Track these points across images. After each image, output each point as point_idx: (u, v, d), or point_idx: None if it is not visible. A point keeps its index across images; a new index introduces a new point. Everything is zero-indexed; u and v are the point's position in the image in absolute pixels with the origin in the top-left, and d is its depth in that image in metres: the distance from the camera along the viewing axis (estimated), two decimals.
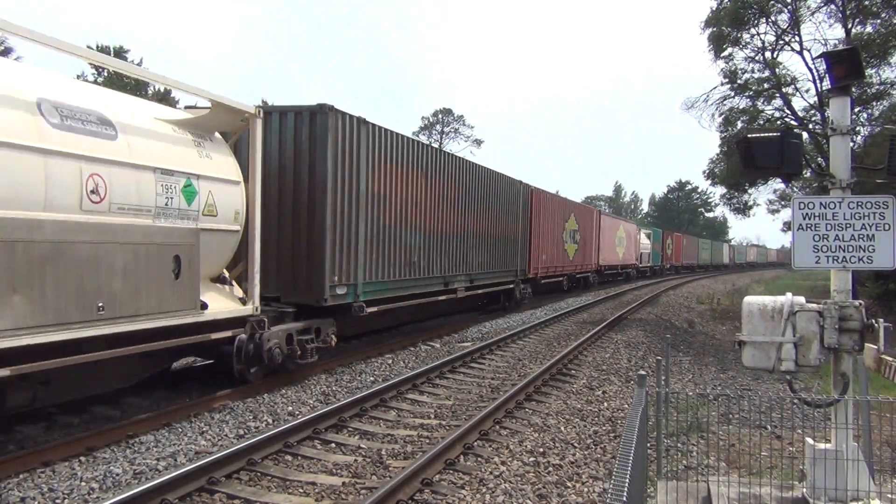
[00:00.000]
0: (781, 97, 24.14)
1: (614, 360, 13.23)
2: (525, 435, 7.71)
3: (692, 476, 6.26)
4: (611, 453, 7.11)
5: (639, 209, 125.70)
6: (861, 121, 21.87)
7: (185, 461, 6.45)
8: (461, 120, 79.66)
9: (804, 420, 8.11)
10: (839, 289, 4.73)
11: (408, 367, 11.76)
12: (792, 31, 22.99)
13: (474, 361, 12.39)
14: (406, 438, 7.47)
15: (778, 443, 7.57)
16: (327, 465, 6.56)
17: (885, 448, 6.69)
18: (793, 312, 4.66)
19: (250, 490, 5.86)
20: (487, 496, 5.81)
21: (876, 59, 20.98)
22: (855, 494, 4.47)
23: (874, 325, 4.53)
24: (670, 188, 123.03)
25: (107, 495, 5.53)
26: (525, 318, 19.85)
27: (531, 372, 11.06)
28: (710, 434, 7.77)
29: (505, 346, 14.37)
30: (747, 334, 4.76)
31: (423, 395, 9.76)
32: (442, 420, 8.33)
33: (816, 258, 4.80)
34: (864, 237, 4.71)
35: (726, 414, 8.68)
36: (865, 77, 17.73)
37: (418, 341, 14.59)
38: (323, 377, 10.54)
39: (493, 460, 6.76)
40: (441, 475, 6.32)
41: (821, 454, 4.58)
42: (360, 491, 5.86)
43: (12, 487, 5.68)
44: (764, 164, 4.96)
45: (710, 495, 5.21)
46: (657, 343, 15.67)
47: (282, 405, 8.73)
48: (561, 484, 6.15)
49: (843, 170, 4.79)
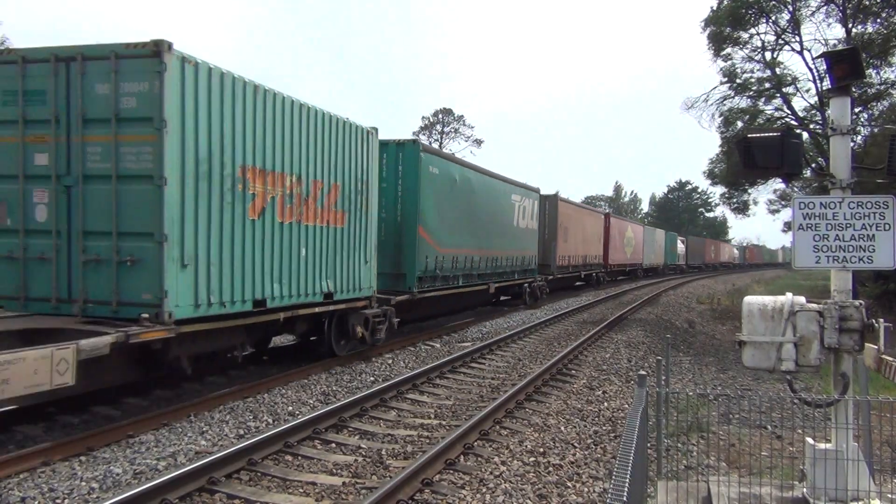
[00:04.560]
0: (781, 97, 24.16)
1: (614, 359, 13.23)
2: (525, 435, 7.71)
3: (692, 476, 6.26)
4: (611, 453, 7.11)
5: (638, 209, 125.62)
6: (861, 121, 21.87)
7: (185, 461, 6.45)
8: (461, 120, 79.60)
9: (804, 420, 8.10)
10: (839, 289, 4.73)
11: (408, 367, 11.77)
12: (792, 31, 23.00)
13: (474, 361, 12.39)
14: (406, 438, 7.47)
15: (778, 443, 7.57)
16: (327, 465, 6.56)
17: (885, 448, 6.69)
18: (793, 312, 4.65)
19: (250, 490, 5.86)
20: (488, 496, 5.81)
21: (876, 59, 20.98)
22: (855, 494, 4.47)
23: (874, 325, 4.52)
24: (670, 188, 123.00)
25: (107, 495, 5.53)
26: (525, 318, 19.86)
27: (531, 372, 11.06)
28: (710, 434, 7.77)
29: (505, 346, 14.37)
30: (747, 334, 4.76)
31: (423, 394, 9.76)
32: (442, 420, 8.33)
33: (817, 258, 4.79)
34: (864, 237, 4.70)
35: (726, 414, 8.68)
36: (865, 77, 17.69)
37: (418, 341, 14.59)
38: (323, 377, 10.55)
39: (493, 460, 6.76)
40: (441, 475, 6.32)
41: (821, 454, 4.58)
42: (360, 491, 5.86)
43: (12, 487, 5.68)
44: (764, 164, 4.96)
45: (710, 495, 5.21)
46: (657, 343, 15.67)
47: (282, 405, 8.73)
48: (561, 484, 6.15)
49: (844, 170, 4.78)
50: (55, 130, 7.72)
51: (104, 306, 7.60)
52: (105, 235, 7.61)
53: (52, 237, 7.77)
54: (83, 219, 7.69)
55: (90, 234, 7.69)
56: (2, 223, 7.97)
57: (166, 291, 7.46)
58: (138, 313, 7.37)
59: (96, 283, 7.66)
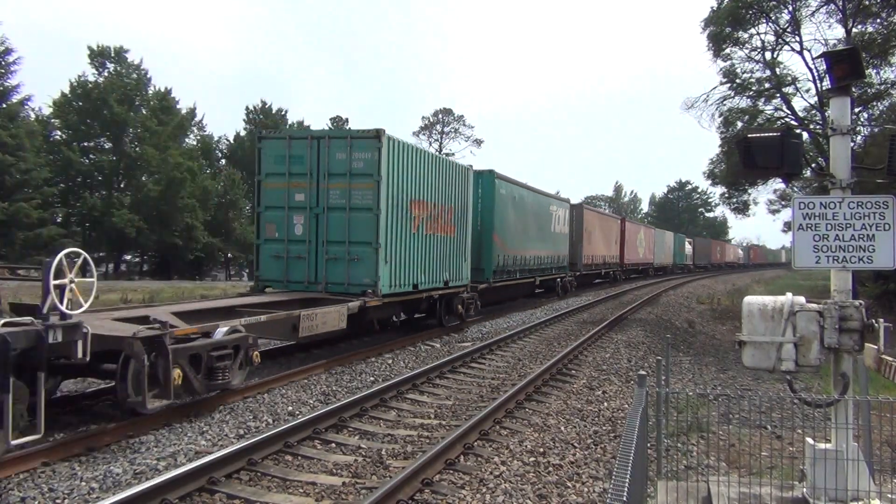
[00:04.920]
0: (781, 97, 24.15)
1: (614, 359, 13.23)
2: (525, 435, 7.71)
3: (692, 476, 6.26)
4: (611, 453, 7.10)
5: (638, 209, 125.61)
6: (861, 121, 21.86)
7: (185, 461, 6.45)
8: (461, 120, 79.62)
9: (804, 420, 8.10)
10: (839, 289, 4.72)
11: (408, 367, 11.77)
12: (792, 31, 22.99)
13: (474, 361, 12.39)
14: (406, 438, 7.47)
15: (778, 443, 7.57)
16: (327, 465, 6.56)
17: (885, 448, 6.69)
18: (793, 312, 4.65)
19: (250, 490, 5.86)
20: (487, 496, 5.81)
21: (876, 59, 20.98)
22: (855, 494, 4.47)
23: (874, 325, 4.52)
24: (670, 188, 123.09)
25: (107, 495, 5.52)
26: (525, 318, 19.86)
27: (531, 372, 11.06)
28: (710, 434, 7.77)
29: (505, 346, 14.37)
30: (747, 334, 4.75)
31: (423, 394, 9.76)
32: (442, 420, 8.33)
33: (816, 258, 4.79)
34: (864, 237, 4.70)
35: (726, 414, 8.67)
36: (865, 77, 17.70)
37: (418, 341, 14.60)
38: (323, 377, 10.54)
39: (493, 460, 6.76)
40: (441, 475, 6.32)
41: (821, 454, 4.57)
42: (360, 491, 5.86)
43: (12, 487, 5.68)
44: (764, 164, 4.96)
45: (710, 495, 5.21)
46: (657, 343, 15.67)
47: (282, 405, 8.73)
48: (561, 484, 6.15)
49: (844, 170, 4.78)
50: (309, 180, 12.85)
51: (338, 286, 12.71)
52: (340, 244, 12.72)
53: (306, 245, 12.94)
54: (327, 233, 12.79)
55: (330, 242, 12.78)
56: (272, 236, 13.16)
57: (379, 277, 12.52)
58: (362, 290, 12.47)
59: (333, 271, 12.78)
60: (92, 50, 47.82)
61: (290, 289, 12.77)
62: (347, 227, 12.57)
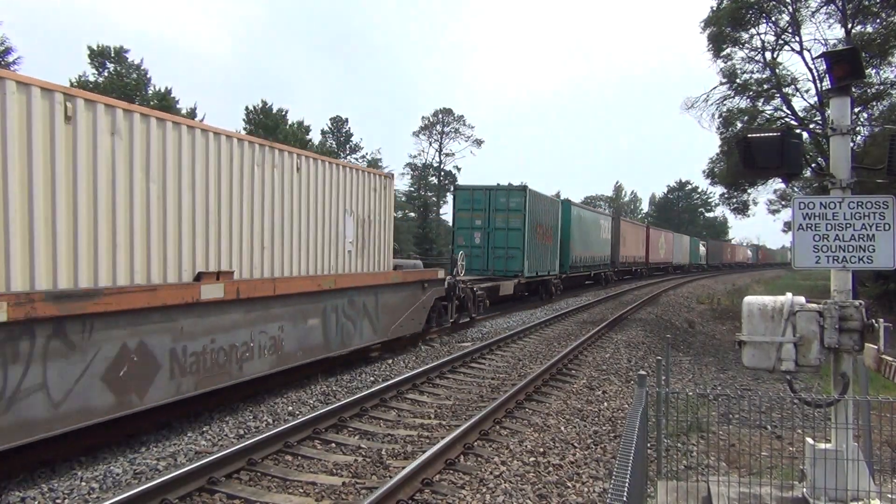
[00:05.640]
0: (781, 97, 24.13)
1: (614, 359, 13.23)
2: (525, 435, 7.71)
3: (692, 476, 6.26)
4: (611, 453, 7.11)
5: (638, 209, 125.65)
6: (861, 121, 21.85)
7: (185, 461, 6.45)
8: (461, 120, 79.69)
9: (804, 420, 8.11)
10: (839, 289, 4.72)
11: (408, 367, 11.77)
12: (792, 32, 22.99)
13: (474, 361, 12.39)
14: (406, 438, 7.47)
15: (778, 443, 7.57)
16: (327, 465, 6.56)
17: (885, 448, 6.69)
18: (793, 312, 4.65)
19: (250, 490, 5.86)
20: (487, 496, 5.81)
21: (876, 59, 20.96)
22: (855, 494, 4.47)
23: (874, 325, 4.52)
24: (670, 188, 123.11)
25: (107, 495, 5.53)
26: (525, 318, 19.87)
27: (531, 372, 11.06)
28: (710, 434, 7.77)
29: (505, 346, 14.37)
30: (747, 334, 4.75)
31: (423, 394, 9.76)
32: (442, 420, 8.33)
33: (816, 258, 4.79)
34: (864, 237, 4.70)
35: (726, 414, 8.68)
36: (865, 77, 17.69)
37: (418, 341, 14.59)
38: (323, 377, 10.54)
39: (493, 460, 6.76)
40: (441, 475, 6.32)
41: (821, 454, 4.57)
42: (360, 491, 5.86)
43: (12, 487, 5.68)
44: (764, 164, 4.95)
45: (710, 495, 5.21)
46: (657, 343, 15.67)
47: (282, 405, 8.73)
48: (561, 484, 6.15)
49: (843, 170, 4.78)
50: (483, 213, 22.91)
51: (500, 272, 22.49)
52: (502, 248, 22.70)
53: (481, 249, 22.85)
54: (494, 243, 22.78)
55: (496, 248, 22.77)
56: (461, 244, 22.69)
57: (525, 266, 22.80)
58: (514, 273, 22.48)
59: (496, 263, 22.72)
60: (92, 50, 47.86)
61: (476, 274, 22.04)
62: (507, 239, 22.52)
